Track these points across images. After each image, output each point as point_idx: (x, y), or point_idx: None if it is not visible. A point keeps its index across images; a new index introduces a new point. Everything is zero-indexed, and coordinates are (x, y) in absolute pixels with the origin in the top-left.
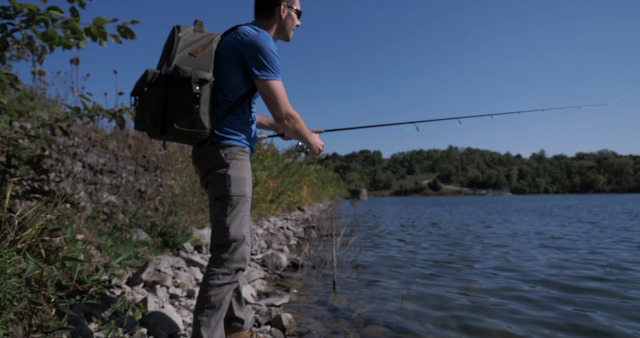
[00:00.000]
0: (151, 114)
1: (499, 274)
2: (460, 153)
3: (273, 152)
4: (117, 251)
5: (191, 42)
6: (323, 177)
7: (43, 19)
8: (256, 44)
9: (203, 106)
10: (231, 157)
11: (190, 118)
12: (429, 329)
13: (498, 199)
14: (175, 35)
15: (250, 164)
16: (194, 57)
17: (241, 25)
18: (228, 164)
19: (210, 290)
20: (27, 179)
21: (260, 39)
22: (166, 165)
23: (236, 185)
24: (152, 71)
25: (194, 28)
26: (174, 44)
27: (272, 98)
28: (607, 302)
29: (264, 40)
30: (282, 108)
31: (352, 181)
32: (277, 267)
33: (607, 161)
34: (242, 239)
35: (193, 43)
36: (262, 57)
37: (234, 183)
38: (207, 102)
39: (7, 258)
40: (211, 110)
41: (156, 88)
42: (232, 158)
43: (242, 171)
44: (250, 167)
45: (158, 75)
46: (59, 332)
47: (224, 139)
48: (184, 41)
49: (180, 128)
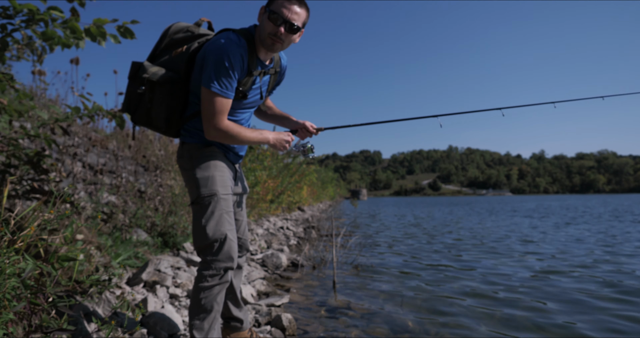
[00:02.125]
0: (128, 103)
1: (498, 274)
2: (460, 153)
3: (273, 152)
4: (117, 251)
5: (178, 40)
6: (323, 177)
7: (43, 18)
8: (212, 52)
9: (156, 106)
10: (197, 156)
11: (146, 116)
12: (429, 329)
13: (497, 199)
14: (166, 32)
15: (222, 160)
16: (171, 57)
17: (228, 29)
18: (194, 165)
19: (200, 293)
20: (27, 179)
21: (217, 47)
22: (166, 165)
23: (204, 185)
24: (136, 64)
25: (188, 27)
26: (162, 41)
27: (204, 109)
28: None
29: (221, 50)
30: (211, 122)
31: (352, 181)
32: (277, 267)
33: (607, 161)
34: (223, 238)
35: (180, 42)
36: (210, 66)
37: (202, 184)
38: (164, 102)
39: (5, 258)
40: (182, 109)
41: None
42: (199, 157)
43: (210, 170)
44: (222, 163)
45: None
46: (59, 332)
47: (190, 138)
48: (171, 39)
49: (140, 122)
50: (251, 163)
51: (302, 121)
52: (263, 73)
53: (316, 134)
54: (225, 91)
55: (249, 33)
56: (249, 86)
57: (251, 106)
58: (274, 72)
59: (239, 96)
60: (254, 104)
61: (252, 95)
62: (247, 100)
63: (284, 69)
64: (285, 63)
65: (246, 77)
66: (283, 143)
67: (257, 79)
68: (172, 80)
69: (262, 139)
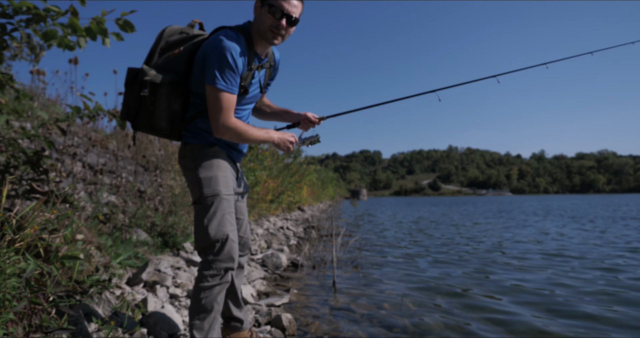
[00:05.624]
0: (128, 110)
1: (497, 274)
2: (460, 153)
3: (273, 151)
4: (117, 251)
5: (174, 42)
6: (323, 177)
7: (40, 14)
8: (213, 49)
9: (159, 109)
10: (200, 156)
11: (148, 120)
12: (429, 329)
13: (497, 199)
14: (161, 35)
15: (225, 160)
16: (169, 59)
17: (224, 27)
18: (197, 165)
19: (200, 293)
20: (26, 179)
21: (218, 45)
22: (166, 165)
23: (207, 185)
24: (133, 70)
25: (182, 29)
26: (158, 44)
27: (211, 106)
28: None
29: (221, 46)
30: (220, 120)
31: (352, 181)
32: (277, 267)
33: (607, 161)
34: (224, 238)
35: (176, 44)
36: (213, 64)
37: (205, 184)
38: (166, 104)
39: (6, 258)
40: (183, 110)
41: (132, 87)
42: (202, 157)
43: (213, 170)
44: (225, 163)
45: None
46: (59, 332)
47: (193, 138)
48: (166, 42)
49: (142, 128)
50: (251, 163)
51: (303, 113)
52: (260, 67)
53: (319, 124)
54: (230, 87)
55: (245, 29)
56: (249, 81)
57: (251, 102)
58: (269, 66)
59: (240, 91)
60: (254, 99)
61: (252, 90)
62: (249, 94)
63: (278, 63)
64: (279, 57)
65: (246, 71)
66: (287, 143)
67: (255, 73)
68: (173, 81)
69: (268, 138)
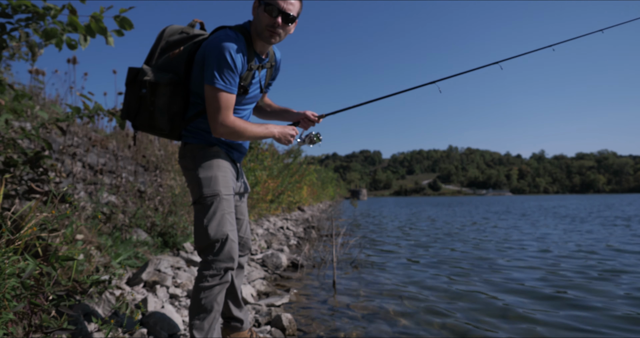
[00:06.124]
0: (128, 110)
1: (497, 274)
2: (460, 153)
3: (273, 152)
4: (117, 251)
5: (174, 42)
6: (323, 177)
7: (39, 12)
8: (212, 49)
9: (159, 109)
10: (200, 156)
11: (148, 120)
12: (429, 329)
13: (497, 199)
14: (161, 35)
15: (225, 159)
16: (169, 59)
17: (224, 27)
18: (197, 165)
19: (200, 293)
20: (26, 179)
21: (218, 44)
22: (166, 165)
23: (207, 185)
24: (134, 70)
25: (183, 29)
26: (158, 44)
27: (210, 106)
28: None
29: (220, 46)
30: (219, 119)
31: (352, 181)
32: (277, 267)
33: (607, 161)
34: (224, 238)
35: (176, 44)
36: (212, 63)
37: (204, 184)
38: (166, 104)
39: (4, 258)
40: (183, 110)
41: (132, 87)
42: (202, 157)
43: (212, 170)
44: (225, 162)
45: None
46: (59, 332)
47: (193, 138)
48: (167, 41)
49: (142, 127)
50: (251, 163)
51: (302, 111)
52: (260, 67)
53: (318, 122)
54: (229, 86)
55: (245, 29)
56: (249, 81)
57: (252, 101)
58: (269, 66)
59: (240, 91)
60: (254, 99)
61: (252, 90)
62: (249, 94)
63: (279, 63)
64: (280, 57)
65: (246, 71)
66: (288, 137)
67: (255, 73)
68: (173, 81)
69: (268, 133)
